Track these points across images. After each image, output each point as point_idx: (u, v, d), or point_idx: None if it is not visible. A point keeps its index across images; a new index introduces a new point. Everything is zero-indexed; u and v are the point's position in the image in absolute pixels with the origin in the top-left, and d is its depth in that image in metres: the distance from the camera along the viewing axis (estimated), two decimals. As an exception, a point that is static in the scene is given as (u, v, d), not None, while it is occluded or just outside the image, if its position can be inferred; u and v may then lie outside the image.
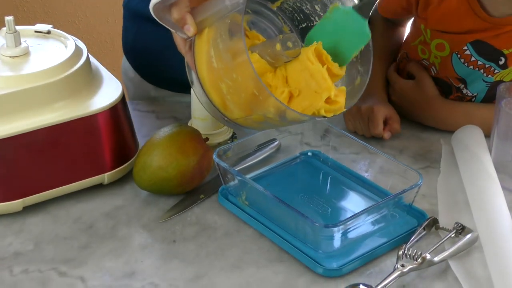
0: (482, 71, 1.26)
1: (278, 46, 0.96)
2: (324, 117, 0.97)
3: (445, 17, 1.25)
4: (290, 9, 1.09)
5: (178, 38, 1.00)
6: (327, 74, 0.96)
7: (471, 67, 1.27)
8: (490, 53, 1.24)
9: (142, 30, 1.36)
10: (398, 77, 1.35)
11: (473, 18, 1.23)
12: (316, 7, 1.06)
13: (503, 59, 1.24)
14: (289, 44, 0.97)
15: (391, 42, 1.41)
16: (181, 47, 1.01)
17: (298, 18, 1.09)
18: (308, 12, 1.07)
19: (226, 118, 1.01)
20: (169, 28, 0.99)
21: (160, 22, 0.98)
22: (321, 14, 1.06)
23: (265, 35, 1.09)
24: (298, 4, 1.07)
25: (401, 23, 1.43)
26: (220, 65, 0.96)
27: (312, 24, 1.08)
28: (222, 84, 0.95)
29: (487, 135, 1.20)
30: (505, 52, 1.23)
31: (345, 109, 0.98)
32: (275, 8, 1.09)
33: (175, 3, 0.96)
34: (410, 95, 1.31)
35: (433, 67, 1.31)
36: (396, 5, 1.34)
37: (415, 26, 1.34)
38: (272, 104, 0.92)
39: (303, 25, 1.09)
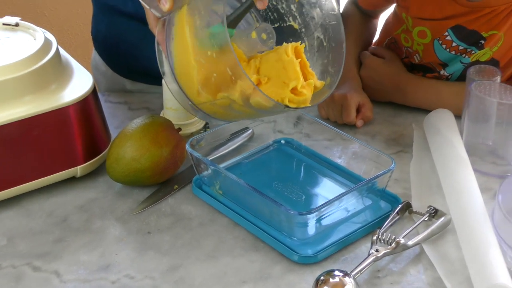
0: (464, 55, 1.28)
1: (254, 34, 0.96)
2: (287, 106, 0.96)
3: (425, 4, 1.27)
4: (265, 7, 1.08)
5: (151, 16, 0.99)
6: (299, 67, 0.96)
7: (453, 52, 1.28)
8: (470, 37, 1.26)
9: (115, 23, 1.34)
10: (370, 54, 1.37)
11: (452, 3, 1.25)
12: (292, 6, 1.05)
13: (483, 42, 1.26)
14: (263, 36, 0.97)
15: (365, 33, 1.43)
16: (153, 25, 1.00)
17: (272, 17, 1.08)
18: (283, 11, 1.07)
19: (190, 103, 1.00)
20: (144, 4, 0.98)
21: None
22: (296, 14, 1.05)
23: (237, 32, 1.08)
24: (274, 3, 1.07)
25: (375, 15, 1.45)
26: (195, 41, 0.95)
27: (285, 25, 1.07)
28: (195, 63, 0.94)
29: (456, 114, 1.21)
30: (485, 35, 1.25)
31: (309, 105, 0.98)
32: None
33: None
34: (380, 70, 1.33)
35: (416, 54, 1.33)
36: None
37: (396, 16, 1.36)
38: (240, 85, 0.92)
39: (276, 25, 1.08)
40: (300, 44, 0.98)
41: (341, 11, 1.44)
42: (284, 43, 0.98)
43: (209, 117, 1.02)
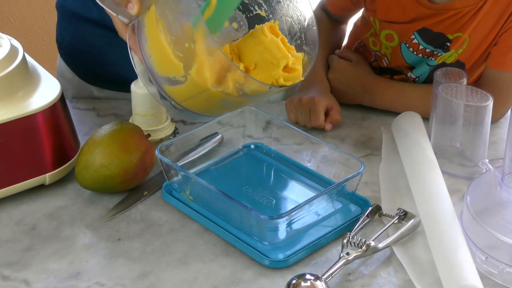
0: (431, 58, 1.29)
1: (225, 23, 0.96)
2: (283, 85, 0.96)
3: (392, 7, 1.28)
4: None
5: (119, 23, 0.98)
6: (281, 44, 0.96)
7: (420, 55, 1.30)
8: (437, 40, 1.27)
9: (80, 30, 1.33)
10: (337, 57, 1.38)
11: (416, 6, 1.26)
12: None
13: (448, 44, 1.27)
14: (234, 25, 0.96)
15: (333, 37, 1.44)
16: (123, 32, 0.99)
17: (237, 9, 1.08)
18: (247, 1, 1.07)
19: (173, 102, 0.98)
20: (110, 12, 0.97)
21: (101, 5, 0.96)
22: (261, 2, 1.05)
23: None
24: None
25: (343, 21, 1.46)
26: (170, 37, 0.93)
27: (251, 15, 1.07)
28: (175, 59, 0.93)
29: (423, 116, 1.22)
30: (450, 37, 1.26)
31: (302, 78, 0.97)
32: None
33: None
34: (348, 72, 1.34)
35: (385, 58, 1.34)
36: (346, 1, 1.36)
37: (364, 20, 1.37)
38: (231, 78, 0.91)
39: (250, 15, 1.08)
40: (274, 23, 0.97)
41: None
42: (256, 25, 0.98)
43: (195, 114, 1.01)
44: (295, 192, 1.10)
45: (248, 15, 1.07)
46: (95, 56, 1.34)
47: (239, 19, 0.97)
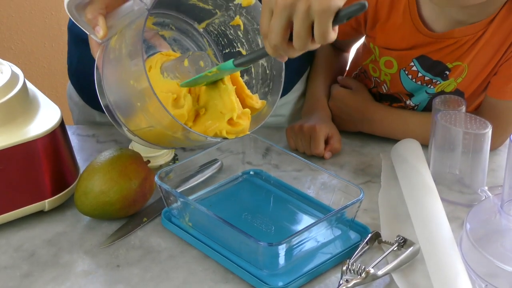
0: (430, 86, 1.30)
1: (186, 62, 0.97)
2: (226, 138, 0.97)
3: (391, 34, 1.29)
4: (216, 32, 1.09)
5: (93, 41, 1.01)
6: (234, 95, 0.97)
7: (419, 82, 1.30)
8: (435, 68, 1.28)
9: (86, 55, 1.34)
10: (337, 85, 1.39)
11: (416, 34, 1.26)
12: (239, 32, 1.07)
13: (447, 73, 1.27)
14: (201, 63, 0.98)
15: (335, 65, 1.45)
16: (94, 50, 1.01)
17: (223, 42, 1.10)
18: (231, 37, 1.08)
19: (126, 129, 1.00)
20: (84, 30, 1.00)
21: (76, 23, 0.99)
22: (243, 40, 1.07)
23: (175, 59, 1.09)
24: (223, 28, 1.08)
25: (346, 48, 1.47)
26: (121, 69, 0.96)
27: (234, 50, 1.08)
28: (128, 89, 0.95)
29: (422, 143, 1.22)
30: (449, 65, 1.27)
31: (248, 132, 0.99)
32: (201, 30, 1.10)
33: (90, 2, 0.96)
34: (348, 100, 1.35)
35: (384, 84, 1.35)
36: (346, 27, 1.37)
37: (365, 46, 1.38)
38: (173, 125, 0.93)
39: (227, 51, 1.09)
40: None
41: None
42: None
43: (148, 143, 1.03)
44: (295, 219, 1.10)
45: (232, 50, 1.08)
46: None
47: (205, 59, 0.98)
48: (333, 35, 0.85)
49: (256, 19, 1.03)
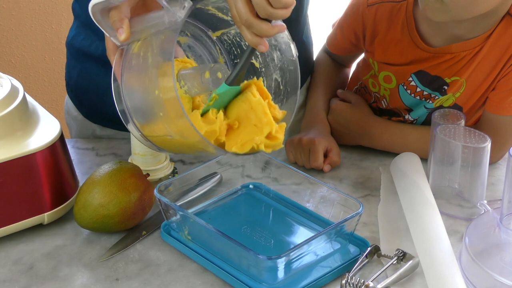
0: (428, 100, 1.30)
1: (207, 74, 0.97)
2: (262, 151, 0.97)
3: (389, 49, 1.29)
4: (229, 41, 1.10)
5: (111, 44, 1.01)
6: (267, 109, 0.97)
7: (418, 97, 1.30)
8: (434, 83, 1.28)
9: (87, 69, 1.35)
10: (337, 99, 1.39)
11: (414, 49, 1.27)
12: None
13: (446, 88, 1.28)
14: (219, 74, 0.98)
15: (336, 79, 1.45)
16: (111, 52, 1.01)
17: (235, 52, 1.10)
18: (245, 48, 1.08)
19: (140, 133, 1.00)
20: (104, 32, 1.00)
21: (97, 25, 0.99)
22: (258, 53, 1.07)
23: (199, 61, 1.10)
24: (238, 39, 1.08)
25: (347, 64, 1.47)
26: (145, 77, 0.96)
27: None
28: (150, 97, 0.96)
29: (421, 156, 1.22)
30: (447, 80, 1.27)
31: (282, 146, 0.99)
32: (215, 38, 1.10)
33: (116, 7, 0.97)
34: (347, 114, 1.35)
35: (384, 99, 1.35)
36: (346, 42, 1.37)
37: (365, 61, 1.38)
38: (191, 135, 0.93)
39: (238, 61, 1.09)
40: (257, 79, 1.00)
41: (314, 58, 1.46)
42: (245, 80, 1.00)
43: (161, 150, 1.03)
44: (294, 232, 1.10)
45: None
46: (98, 94, 1.35)
47: (224, 71, 0.99)
48: None
49: (274, 36, 1.03)
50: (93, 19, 0.99)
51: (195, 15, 1.07)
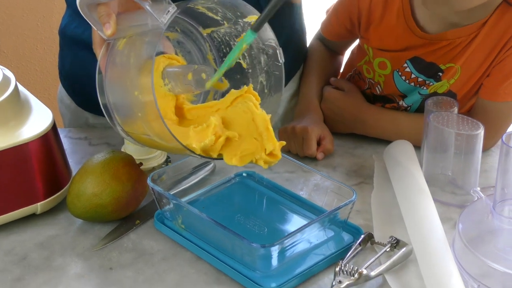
0: (423, 87, 1.30)
1: (190, 76, 0.97)
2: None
3: (385, 35, 1.29)
4: (219, 39, 1.10)
5: (98, 37, 1.01)
6: (270, 124, 0.97)
7: (412, 83, 1.30)
8: (429, 69, 1.28)
9: (80, 57, 1.34)
10: (330, 87, 1.39)
11: (409, 35, 1.27)
12: None
13: (440, 74, 1.28)
14: (203, 75, 0.97)
15: (329, 67, 1.45)
16: (97, 46, 1.01)
17: (224, 50, 1.10)
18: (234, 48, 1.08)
19: (120, 128, 1.01)
20: (92, 25, 1.00)
21: (84, 18, 0.99)
22: (245, 54, 1.07)
23: (188, 58, 1.09)
24: (227, 38, 1.08)
25: (340, 51, 1.47)
26: (127, 78, 0.96)
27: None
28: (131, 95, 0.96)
29: (415, 144, 1.23)
30: (442, 67, 1.27)
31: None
32: (205, 35, 1.10)
33: (105, 2, 0.97)
34: (340, 102, 1.35)
35: (378, 86, 1.35)
36: (341, 28, 1.37)
37: (359, 47, 1.38)
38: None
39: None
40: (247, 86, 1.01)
41: (307, 45, 1.46)
42: (232, 79, 1.01)
43: (138, 143, 1.03)
44: (287, 221, 1.10)
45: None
46: (91, 82, 1.34)
47: (209, 73, 0.99)
48: None
49: (262, 39, 1.04)
50: (80, 12, 0.98)
51: (186, 11, 1.06)
